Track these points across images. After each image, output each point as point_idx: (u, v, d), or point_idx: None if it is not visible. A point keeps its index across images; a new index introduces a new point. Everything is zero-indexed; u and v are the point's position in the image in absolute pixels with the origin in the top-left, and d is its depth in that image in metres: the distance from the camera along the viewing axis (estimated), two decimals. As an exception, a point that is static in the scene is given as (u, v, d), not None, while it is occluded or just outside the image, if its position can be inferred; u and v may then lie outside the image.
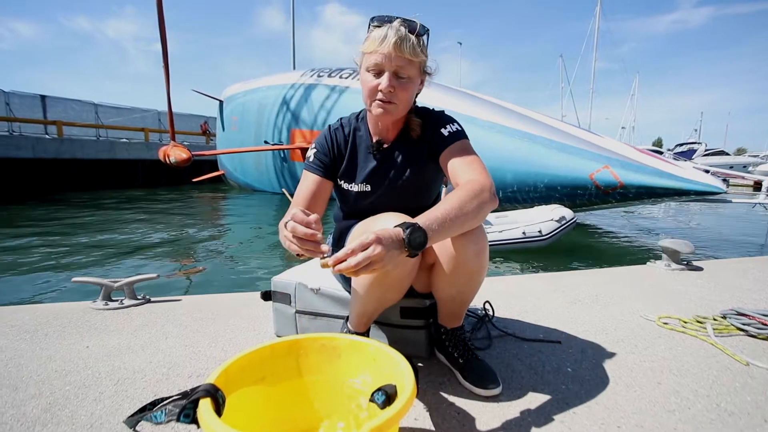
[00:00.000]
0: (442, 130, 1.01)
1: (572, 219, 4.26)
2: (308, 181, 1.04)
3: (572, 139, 5.66)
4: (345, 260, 0.67)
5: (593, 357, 1.21)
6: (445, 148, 0.99)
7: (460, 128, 1.03)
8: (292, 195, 1.11)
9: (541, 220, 4.15)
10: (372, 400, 0.68)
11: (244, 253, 4.40)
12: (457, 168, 0.95)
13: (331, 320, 1.24)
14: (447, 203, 0.80)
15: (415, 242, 0.71)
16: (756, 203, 5.92)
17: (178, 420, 0.60)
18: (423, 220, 0.75)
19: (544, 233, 4.06)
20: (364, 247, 0.67)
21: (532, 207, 4.84)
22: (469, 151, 0.98)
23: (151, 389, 1.03)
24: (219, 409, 0.59)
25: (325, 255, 0.71)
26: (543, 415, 0.92)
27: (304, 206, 0.99)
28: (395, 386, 0.68)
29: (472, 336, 1.33)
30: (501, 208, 5.93)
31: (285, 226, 0.77)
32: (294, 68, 13.58)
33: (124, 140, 13.52)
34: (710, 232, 6.09)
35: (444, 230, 0.77)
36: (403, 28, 0.89)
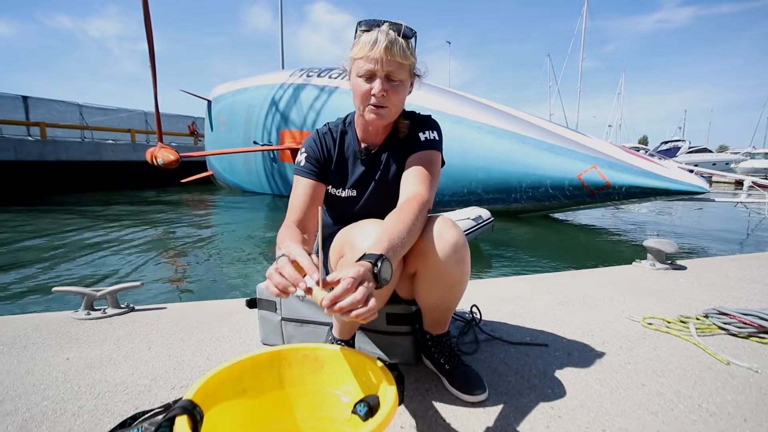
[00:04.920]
0: (420, 134, 1.03)
1: (489, 219, 4.30)
2: (302, 185, 1.03)
3: (560, 140, 5.72)
4: (340, 296, 0.62)
5: (579, 359, 1.22)
6: (415, 151, 1.02)
7: (437, 138, 1.04)
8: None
9: (457, 218, 4.14)
10: (354, 411, 0.67)
11: (233, 257, 4.34)
12: (411, 176, 0.98)
13: (317, 327, 1.22)
14: (399, 225, 0.80)
15: (383, 281, 0.69)
16: (737, 203, 6.07)
17: (154, 438, 0.59)
18: (384, 249, 0.72)
19: None
20: (357, 295, 0.62)
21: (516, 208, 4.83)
22: (431, 163, 1.00)
23: (133, 402, 1.01)
24: (196, 426, 0.58)
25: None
26: (529, 420, 0.92)
27: (301, 213, 0.97)
28: (378, 397, 0.67)
29: (459, 340, 1.33)
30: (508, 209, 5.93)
31: (278, 260, 0.70)
32: (282, 68, 13.48)
33: (110, 141, 13.27)
34: (694, 231, 6.19)
35: (399, 256, 0.78)
36: (392, 32, 0.90)
